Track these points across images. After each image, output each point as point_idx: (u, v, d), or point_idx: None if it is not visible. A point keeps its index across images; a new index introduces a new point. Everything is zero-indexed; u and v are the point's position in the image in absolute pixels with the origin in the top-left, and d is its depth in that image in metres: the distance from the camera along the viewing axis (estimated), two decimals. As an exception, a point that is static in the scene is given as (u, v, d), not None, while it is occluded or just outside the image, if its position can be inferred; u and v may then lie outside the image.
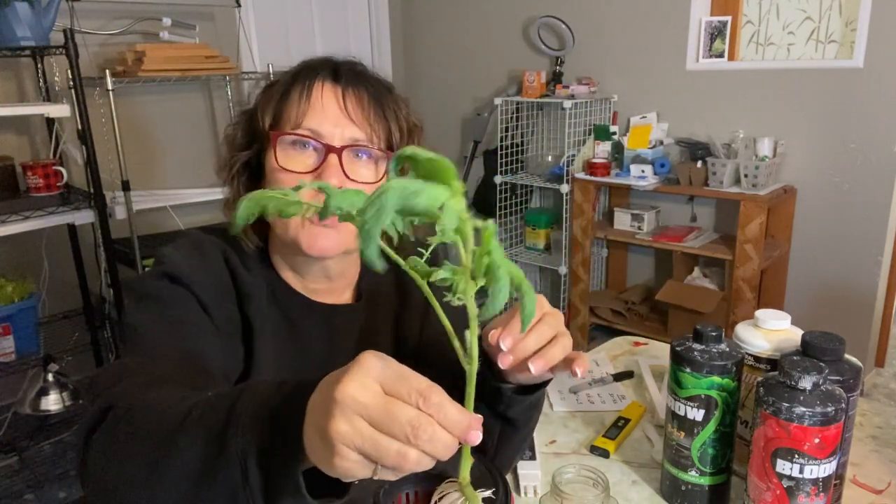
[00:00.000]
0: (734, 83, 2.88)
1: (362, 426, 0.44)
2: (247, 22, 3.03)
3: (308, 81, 0.83)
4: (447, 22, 3.74)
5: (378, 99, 0.85)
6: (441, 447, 0.44)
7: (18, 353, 2.26)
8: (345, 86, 0.83)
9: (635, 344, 1.36)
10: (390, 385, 0.45)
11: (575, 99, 3.01)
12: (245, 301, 0.84)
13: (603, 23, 3.17)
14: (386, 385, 0.45)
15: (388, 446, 0.44)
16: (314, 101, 0.81)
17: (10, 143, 2.48)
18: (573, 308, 3.20)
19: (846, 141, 2.66)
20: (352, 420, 0.44)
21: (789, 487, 0.72)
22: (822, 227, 2.78)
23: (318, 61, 0.86)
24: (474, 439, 0.46)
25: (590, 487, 0.76)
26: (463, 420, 0.45)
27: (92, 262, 2.55)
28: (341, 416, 0.44)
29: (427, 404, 0.44)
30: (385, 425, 0.44)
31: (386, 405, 0.44)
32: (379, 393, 0.45)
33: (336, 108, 0.82)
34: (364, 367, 0.46)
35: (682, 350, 0.79)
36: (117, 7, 2.65)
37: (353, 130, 0.82)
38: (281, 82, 0.85)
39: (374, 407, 0.44)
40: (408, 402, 0.44)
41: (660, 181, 2.87)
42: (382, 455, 0.44)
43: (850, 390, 0.75)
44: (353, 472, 0.46)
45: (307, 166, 0.81)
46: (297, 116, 0.81)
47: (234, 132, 0.87)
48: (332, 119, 0.81)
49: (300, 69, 0.85)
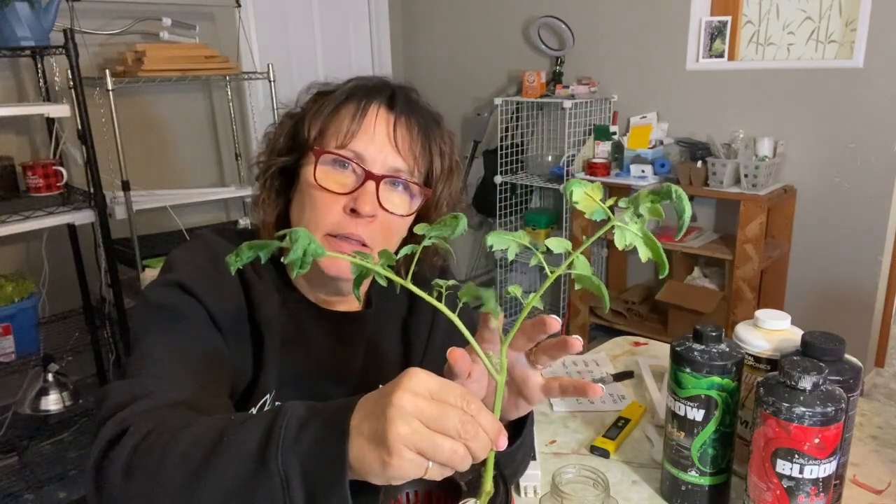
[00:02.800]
0: (734, 83, 2.88)
1: (420, 427, 0.50)
2: (247, 22, 3.03)
3: (364, 103, 0.82)
4: (447, 22, 3.74)
5: (427, 132, 0.85)
6: (482, 445, 0.51)
7: (18, 353, 2.26)
8: (398, 114, 0.83)
9: (635, 344, 1.36)
10: (437, 392, 0.52)
11: (575, 99, 3.01)
12: (256, 309, 0.84)
13: (603, 23, 3.17)
14: (433, 393, 0.52)
15: (442, 444, 0.50)
16: (366, 125, 0.81)
17: (10, 143, 2.48)
18: (573, 308, 3.20)
19: (846, 141, 2.66)
20: (410, 423, 0.50)
21: (789, 487, 0.72)
22: (822, 227, 2.78)
23: (375, 83, 0.86)
24: (502, 443, 0.53)
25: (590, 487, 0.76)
26: (496, 424, 0.53)
27: (92, 262, 2.55)
28: (400, 420, 0.50)
29: (470, 407, 0.52)
30: (440, 425, 0.50)
31: (440, 407, 0.51)
32: (430, 399, 0.51)
33: (385, 136, 0.82)
34: (414, 378, 0.52)
35: (682, 350, 0.79)
36: (117, 7, 2.65)
37: (397, 160, 0.82)
38: (334, 95, 0.84)
39: (428, 410, 0.51)
40: (455, 405, 0.51)
41: (660, 181, 2.87)
42: (437, 452, 0.50)
43: (850, 390, 0.75)
44: (408, 471, 0.51)
45: (344, 187, 0.81)
46: (346, 136, 0.81)
47: (277, 135, 0.87)
48: (378, 145, 0.81)
49: (356, 88, 0.85)
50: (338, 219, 0.80)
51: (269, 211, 0.86)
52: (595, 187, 0.54)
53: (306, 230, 0.55)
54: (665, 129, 3.05)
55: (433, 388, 0.52)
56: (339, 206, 0.80)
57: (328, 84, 0.88)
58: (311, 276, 0.88)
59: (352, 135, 0.81)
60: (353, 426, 0.53)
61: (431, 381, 0.52)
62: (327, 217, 0.80)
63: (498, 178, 3.33)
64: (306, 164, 0.83)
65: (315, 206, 0.81)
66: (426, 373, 0.53)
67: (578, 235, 3.11)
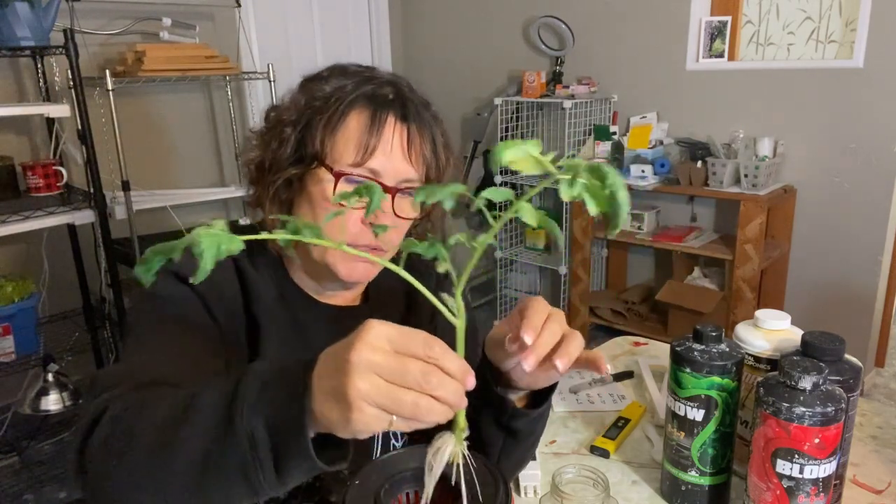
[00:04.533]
0: (734, 83, 2.88)
1: (378, 381, 0.49)
2: (247, 22, 3.03)
3: (380, 114, 0.81)
4: (447, 22, 3.74)
5: (433, 138, 0.85)
6: (451, 393, 0.50)
7: (18, 353, 2.26)
8: (410, 124, 0.83)
9: (635, 344, 1.36)
10: (397, 343, 0.51)
11: (575, 99, 3.01)
12: (252, 302, 0.85)
13: (603, 23, 3.17)
14: (393, 343, 0.51)
15: (403, 397, 0.49)
16: (384, 141, 0.81)
17: (10, 143, 2.48)
18: (573, 308, 3.20)
19: (846, 141, 2.66)
20: (369, 377, 0.49)
21: (789, 487, 0.72)
22: (822, 227, 2.78)
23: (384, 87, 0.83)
24: (471, 383, 0.52)
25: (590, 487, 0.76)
26: (462, 366, 0.51)
27: (92, 262, 2.55)
28: (358, 376, 0.49)
29: (432, 352, 0.50)
30: (399, 377, 0.49)
31: (398, 360, 0.50)
32: (389, 351, 0.50)
33: (400, 149, 0.82)
34: (372, 330, 0.51)
35: (682, 350, 0.79)
36: (117, 7, 2.65)
37: (408, 171, 0.82)
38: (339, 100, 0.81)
39: (387, 364, 0.49)
40: (416, 355, 0.50)
41: (660, 181, 2.87)
42: (399, 406, 0.49)
43: (850, 390, 0.75)
44: (372, 425, 0.50)
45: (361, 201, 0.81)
46: (364, 153, 0.80)
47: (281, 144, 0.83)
48: (394, 160, 0.81)
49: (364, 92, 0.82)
50: (355, 230, 0.81)
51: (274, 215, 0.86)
52: (533, 143, 0.51)
53: (208, 235, 0.53)
54: (665, 129, 3.05)
55: (393, 338, 0.51)
56: (354, 218, 0.81)
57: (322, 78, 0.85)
58: (311, 271, 0.88)
59: (371, 151, 0.80)
60: (315, 381, 0.53)
61: (391, 330, 0.51)
62: (343, 230, 0.81)
63: (498, 178, 3.33)
64: (320, 178, 0.81)
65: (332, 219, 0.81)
66: (385, 323, 0.52)
67: (579, 235, 3.11)
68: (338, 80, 0.83)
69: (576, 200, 0.52)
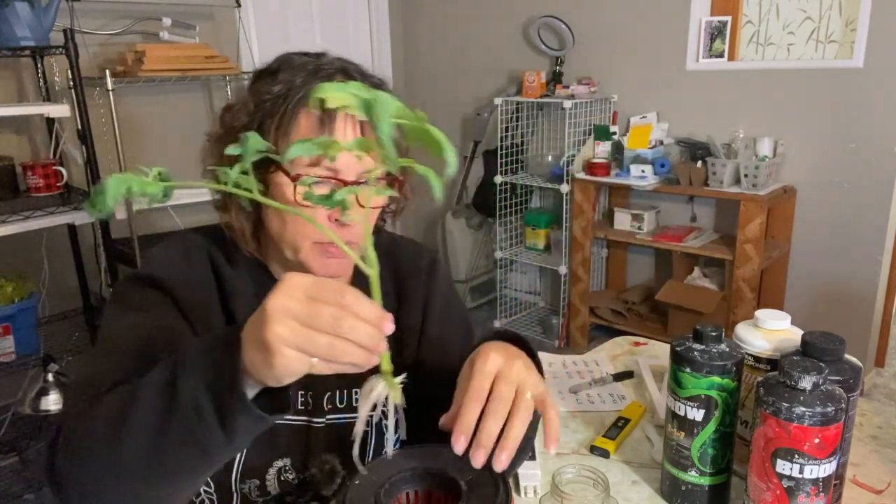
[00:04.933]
0: (734, 83, 2.88)
1: (294, 325, 0.53)
2: (247, 22, 3.03)
3: (329, 112, 0.79)
4: (447, 22, 3.74)
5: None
6: (364, 336, 0.53)
7: (18, 353, 2.26)
8: None
9: (635, 344, 1.36)
10: (312, 291, 0.54)
11: (575, 99, 3.01)
12: (229, 299, 0.86)
13: (603, 23, 3.17)
14: (308, 292, 0.54)
15: (317, 339, 0.52)
16: (337, 137, 0.79)
17: (10, 143, 2.48)
18: (573, 308, 3.20)
19: (846, 141, 2.66)
20: (285, 322, 0.52)
21: (789, 487, 0.72)
22: (822, 227, 2.78)
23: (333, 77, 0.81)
24: (388, 328, 0.55)
25: (590, 487, 0.76)
26: (376, 312, 0.54)
27: (92, 262, 2.55)
28: (275, 322, 0.52)
29: (344, 300, 0.53)
30: (312, 322, 0.53)
31: (310, 305, 0.53)
32: (303, 299, 0.53)
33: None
34: (288, 281, 0.54)
35: (682, 350, 0.79)
36: (117, 7, 2.65)
37: (367, 162, 0.81)
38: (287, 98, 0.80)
39: (300, 309, 0.53)
40: (328, 302, 0.53)
41: (660, 181, 2.87)
42: (315, 347, 0.53)
43: (850, 390, 0.75)
44: (293, 368, 0.53)
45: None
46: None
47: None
48: (349, 154, 0.78)
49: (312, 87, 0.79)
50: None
51: (243, 221, 0.85)
52: (356, 85, 0.54)
53: (117, 177, 0.54)
54: (665, 129, 3.05)
55: (308, 287, 0.54)
56: (321, 217, 0.80)
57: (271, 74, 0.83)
58: (288, 269, 0.88)
59: None
60: (243, 337, 0.56)
61: (305, 280, 0.55)
62: (311, 229, 0.81)
63: (498, 178, 3.33)
64: (280, 182, 0.80)
65: (297, 219, 0.81)
66: (301, 274, 0.55)
67: (579, 235, 3.11)
68: (286, 75, 0.81)
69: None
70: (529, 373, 0.67)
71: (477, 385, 0.65)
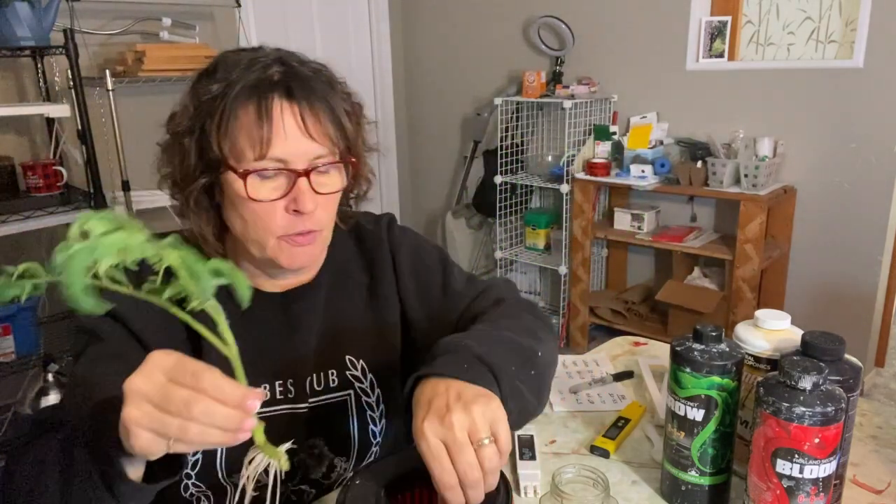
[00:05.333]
0: (734, 83, 2.88)
1: (148, 409, 0.54)
2: (247, 22, 3.03)
3: (264, 102, 0.78)
4: (447, 22, 3.74)
5: (330, 105, 0.82)
6: (220, 419, 0.54)
7: (18, 353, 2.26)
8: (299, 101, 0.79)
9: (635, 344, 1.35)
10: (170, 373, 0.55)
11: (575, 99, 3.01)
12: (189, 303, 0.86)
13: (603, 23, 3.17)
14: (167, 374, 0.55)
15: (170, 423, 0.54)
16: (276, 127, 0.78)
17: (10, 143, 2.48)
18: (573, 308, 3.20)
19: (846, 141, 2.66)
20: (139, 405, 0.54)
21: (789, 487, 0.72)
22: (822, 227, 2.78)
23: (270, 68, 0.80)
24: (252, 408, 0.55)
25: (590, 487, 0.76)
26: (236, 393, 0.55)
27: (92, 262, 2.55)
28: (130, 404, 0.55)
29: (200, 383, 0.54)
30: (165, 406, 0.54)
31: (163, 389, 0.54)
32: (160, 381, 0.55)
33: (296, 129, 0.79)
34: (149, 362, 0.56)
35: (682, 350, 0.79)
36: (117, 7, 2.65)
37: (315, 148, 0.80)
38: (224, 96, 0.78)
39: (154, 392, 0.54)
40: (184, 384, 0.54)
41: (660, 181, 2.87)
42: (167, 430, 0.54)
43: (850, 390, 0.75)
44: (150, 448, 0.55)
45: (278, 191, 0.80)
46: (262, 146, 0.77)
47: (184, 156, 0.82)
48: (294, 141, 0.79)
49: (248, 82, 0.79)
50: (283, 222, 0.81)
51: (203, 225, 0.85)
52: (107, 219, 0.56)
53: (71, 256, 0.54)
54: (665, 129, 3.05)
55: (167, 368, 0.55)
56: (280, 210, 0.81)
57: (209, 74, 0.82)
58: (266, 269, 0.90)
59: (268, 142, 0.77)
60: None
61: (167, 360, 0.56)
62: (272, 224, 0.81)
63: (498, 178, 3.33)
64: (231, 181, 0.80)
65: (257, 216, 0.81)
66: (167, 354, 0.56)
67: (579, 235, 3.11)
68: (222, 73, 0.80)
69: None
70: (469, 412, 0.64)
71: (439, 474, 0.62)
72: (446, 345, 0.76)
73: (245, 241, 0.84)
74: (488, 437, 0.63)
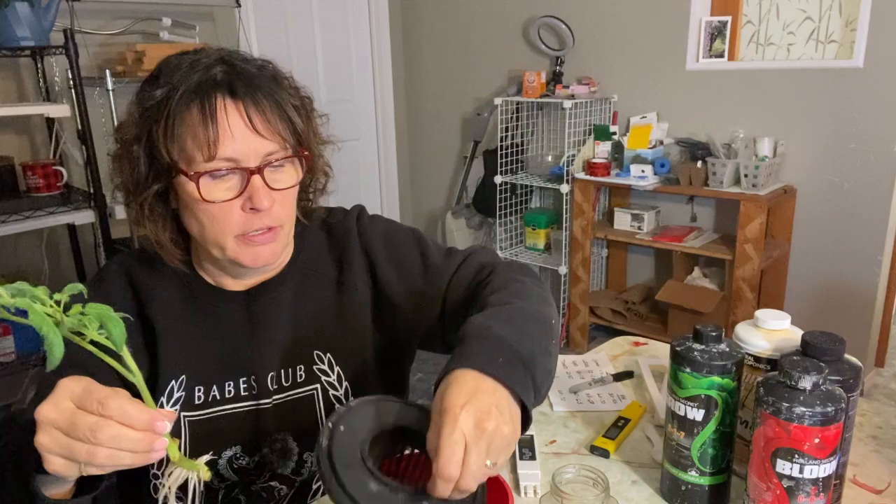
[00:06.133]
0: (734, 83, 2.88)
1: (57, 436, 0.57)
2: (247, 22, 3.03)
3: (207, 103, 0.77)
4: (447, 22, 3.74)
5: (276, 101, 0.82)
6: (126, 442, 0.57)
7: (18, 353, 2.26)
8: (244, 98, 0.79)
9: (635, 344, 1.36)
10: (78, 400, 0.58)
11: (575, 99, 3.01)
12: (147, 305, 0.87)
13: (603, 23, 3.17)
14: (75, 400, 0.58)
15: (78, 449, 0.57)
16: (221, 126, 0.77)
17: (10, 143, 2.48)
18: (573, 308, 3.20)
19: (846, 141, 2.66)
20: (49, 432, 0.57)
21: (789, 487, 0.72)
22: (822, 227, 2.78)
23: (212, 68, 0.80)
24: (161, 429, 0.59)
25: (590, 487, 0.77)
26: (142, 416, 0.58)
27: (92, 262, 2.55)
28: (41, 431, 0.58)
29: (106, 410, 0.57)
30: (72, 432, 0.57)
31: (70, 416, 0.57)
32: (68, 408, 0.58)
33: (243, 127, 0.79)
34: (58, 390, 0.59)
35: (682, 350, 0.79)
36: (117, 7, 2.65)
37: (266, 145, 0.80)
38: (167, 100, 0.78)
39: (62, 420, 0.57)
40: (91, 411, 0.57)
41: (660, 181, 2.87)
42: (76, 456, 0.57)
43: (850, 390, 0.75)
44: (64, 472, 0.59)
45: (232, 191, 0.80)
46: (209, 147, 0.77)
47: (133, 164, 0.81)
48: (241, 140, 0.79)
49: (190, 84, 0.78)
50: (240, 220, 0.81)
51: (159, 231, 0.85)
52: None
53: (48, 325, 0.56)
54: (665, 129, 3.05)
55: (75, 395, 0.58)
56: (236, 209, 0.80)
57: (152, 80, 0.81)
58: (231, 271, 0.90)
59: (215, 143, 0.77)
60: None
61: (76, 387, 0.59)
62: (230, 224, 0.81)
63: (498, 178, 3.33)
64: (184, 184, 0.80)
65: (213, 217, 0.80)
66: (75, 381, 0.59)
67: (578, 235, 3.11)
68: (165, 78, 0.80)
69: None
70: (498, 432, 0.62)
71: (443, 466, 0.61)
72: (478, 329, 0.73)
73: (204, 244, 0.84)
74: (494, 462, 0.62)
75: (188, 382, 0.88)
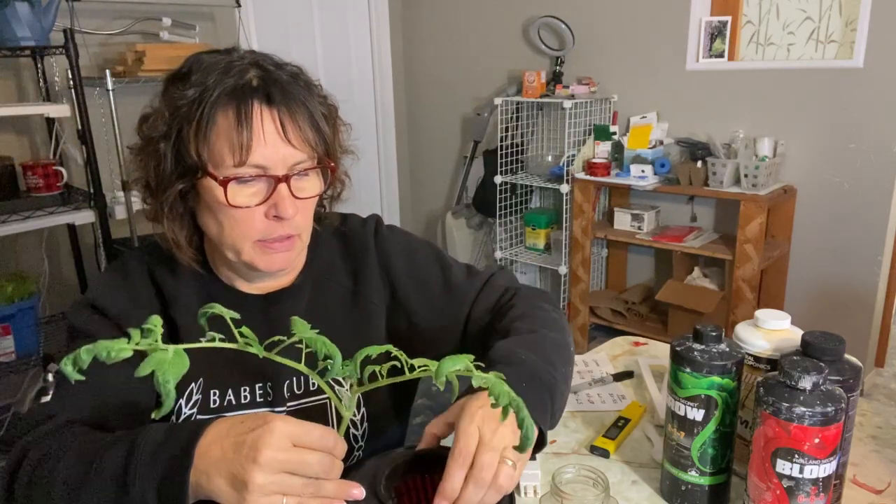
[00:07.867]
0: (734, 83, 2.88)
1: (282, 476, 0.60)
2: (247, 22, 3.03)
3: (244, 107, 0.77)
4: (447, 22, 3.74)
5: (310, 112, 0.82)
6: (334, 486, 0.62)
7: (18, 353, 2.26)
8: (279, 106, 0.79)
9: (635, 344, 1.36)
10: (298, 439, 0.61)
11: (575, 99, 3.01)
12: (171, 305, 0.87)
13: (603, 23, 3.17)
14: (294, 439, 0.61)
15: (293, 483, 0.60)
16: (256, 132, 0.77)
17: (10, 143, 2.48)
18: (573, 308, 3.20)
19: (846, 141, 2.66)
20: (271, 475, 0.59)
21: (789, 487, 0.72)
22: (822, 227, 2.78)
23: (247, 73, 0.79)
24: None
25: (590, 487, 0.77)
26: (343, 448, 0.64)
27: (92, 262, 2.55)
28: (260, 472, 0.59)
29: (336, 449, 0.62)
30: (300, 469, 0.60)
31: (298, 454, 0.60)
32: (290, 449, 0.60)
33: (275, 135, 0.79)
34: (275, 430, 0.60)
35: (682, 350, 0.79)
36: (117, 7, 2.65)
37: (295, 154, 0.80)
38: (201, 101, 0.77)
39: (288, 459, 0.60)
40: (318, 449, 0.61)
41: (660, 181, 2.87)
42: (291, 490, 0.60)
43: (850, 390, 0.75)
44: None
45: (258, 197, 0.80)
46: (241, 152, 0.77)
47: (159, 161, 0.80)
48: (273, 148, 0.79)
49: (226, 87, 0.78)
50: (262, 226, 0.81)
51: (177, 231, 0.85)
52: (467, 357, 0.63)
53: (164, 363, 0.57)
54: (665, 129, 3.05)
55: (294, 435, 0.61)
56: (259, 215, 0.80)
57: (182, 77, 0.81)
58: (245, 274, 0.90)
59: (247, 149, 0.77)
60: (206, 460, 0.61)
61: (293, 429, 0.61)
62: (251, 229, 0.81)
63: (498, 178, 3.33)
64: (209, 186, 0.79)
65: (235, 221, 0.80)
66: (285, 421, 0.61)
67: (578, 235, 3.11)
68: (198, 77, 0.79)
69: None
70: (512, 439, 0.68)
71: (462, 448, 0.66)
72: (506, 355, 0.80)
73: (220, 246, 0.84)
74: (513, 462, 0.67)
75: (205, 386, 0.88)
